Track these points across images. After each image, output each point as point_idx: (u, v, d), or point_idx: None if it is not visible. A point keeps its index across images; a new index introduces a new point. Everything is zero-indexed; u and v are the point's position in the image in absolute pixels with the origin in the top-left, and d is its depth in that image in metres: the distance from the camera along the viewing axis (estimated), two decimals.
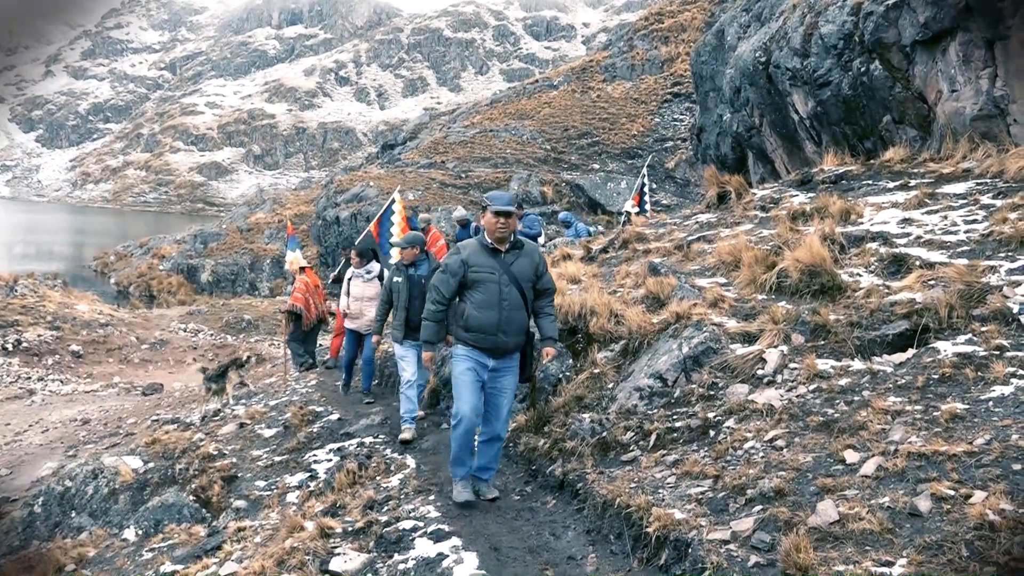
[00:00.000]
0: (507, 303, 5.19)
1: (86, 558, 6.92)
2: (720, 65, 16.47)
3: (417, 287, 7.50)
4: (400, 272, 7.66)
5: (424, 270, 7.60)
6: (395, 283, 7.59)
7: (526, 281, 5.27)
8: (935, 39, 9.41)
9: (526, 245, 5.34)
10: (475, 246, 5.32)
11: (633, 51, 44.38)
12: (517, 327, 5.27)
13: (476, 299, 5.21)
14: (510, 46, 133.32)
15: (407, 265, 7.71)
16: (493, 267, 5.20)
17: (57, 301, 22.71)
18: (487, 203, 5.20)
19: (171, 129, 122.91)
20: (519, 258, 5.31)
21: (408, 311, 7.48)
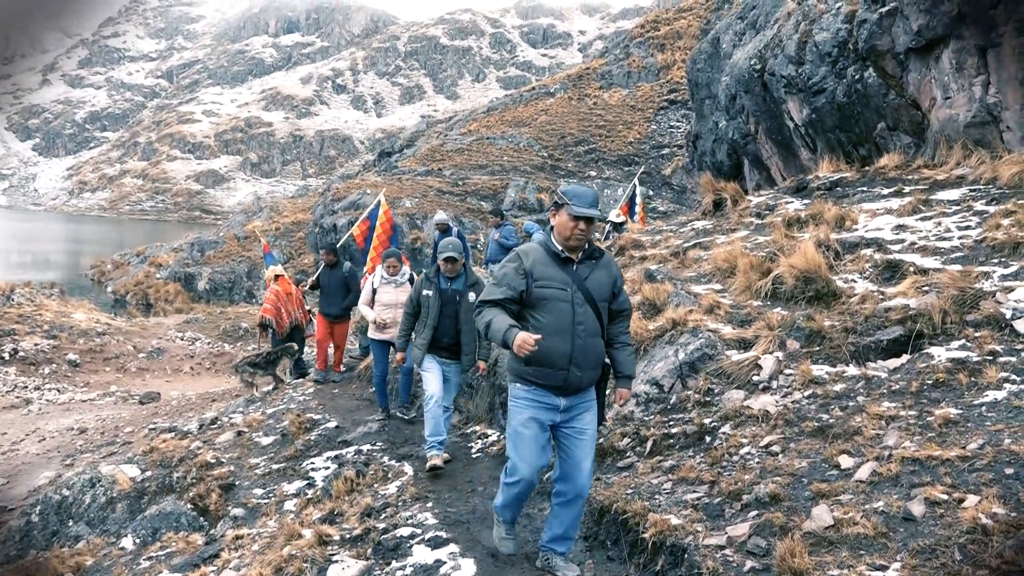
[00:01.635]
0: (582, 328, 4.07)
1: (84, 567, 6.92)
2: (716, 72, 16.55)
3: (450, 303, 6.64)
4: (431, 284, 6.69)
5: (460, 284, 6.68)
6: (424, 296, 6.67)
7: (603, 300, 4.20)
8: (928, 46, 9.47)
9: (604, 255, 4.28)
10: (540, 253, 4.17)
11: (629, 58, 44.54)
12: (594, 359, 4.15)
13: (542, 322, 4.04)
14: (507, 53, 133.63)
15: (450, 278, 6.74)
16: (564, 281, 4.10)
17: (54, 310, 22.69)
18: (563, 200, 4.08)
19: (168, 137, 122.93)
20: (595, 270, 4.19)
21: (437, 329, 6.61)
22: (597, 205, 4.11)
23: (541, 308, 4.08)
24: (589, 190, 4.15)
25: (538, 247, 4.23)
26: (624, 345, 4.36)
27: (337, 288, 11.10)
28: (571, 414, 4.19)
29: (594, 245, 4.25)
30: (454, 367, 6.77)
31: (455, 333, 6.65)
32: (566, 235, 4.08)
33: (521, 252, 4.21)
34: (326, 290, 11.22)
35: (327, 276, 11.24)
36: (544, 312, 4.07)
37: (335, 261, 11.26)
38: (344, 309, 11.23)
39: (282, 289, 12.33)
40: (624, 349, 4.35)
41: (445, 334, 6.63)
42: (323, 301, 11.28)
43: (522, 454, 4.15)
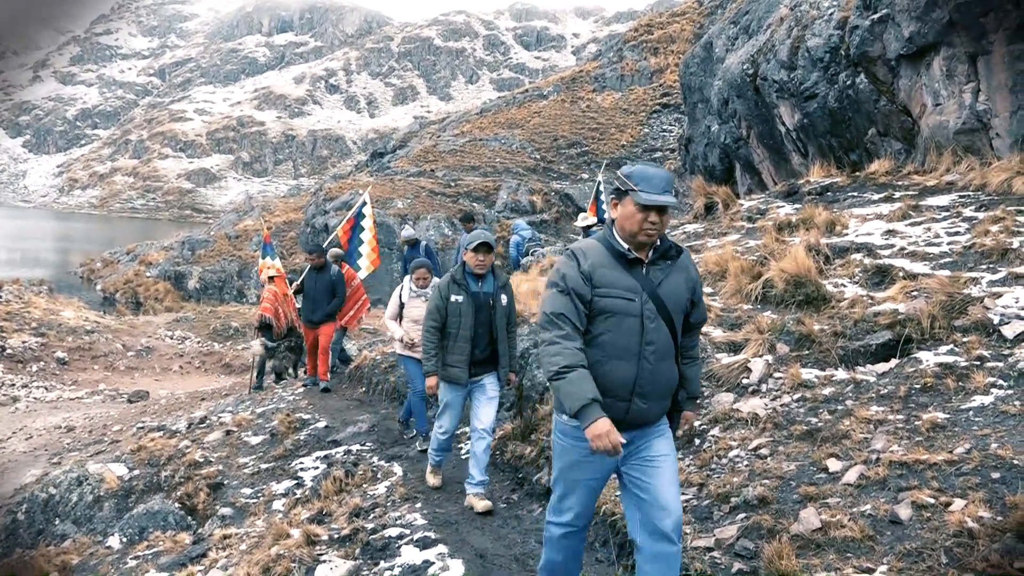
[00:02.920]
0: (652, 349, 3.18)
1: (70, 565, 6.88)
2: (708, 77, 16.60)
3: (483, 309, 5.62)
4: (460, 288, 5.62)
5: (491, 286, 5.69)
6: (454, 304, 5.59)
7: (679, 312, 3.30)
8: (919, 53, 9.53)
9: (682, 252, 3.36)
10: (600, 252, 3.25)
11: (623, 62, 44.65)
12: (665, 387, 3.29)
13: (601, 340, 3.17)
14: (500, 55, 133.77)
15: (475, 277, 5.68)
16: (632, 289, 3.18)
17: (42, 307, 22.57)
18: (628, 184, 3.19)
19: (160, 135, 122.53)
20: (670, 274, 3.28)
21: (474, 343, 5.60)
22: (672, 189, 3.22)
23: (601, 323, 3.18)
24: (661, 171, 3.25)
25: (597, 244, 3.29)
26: (692, 360, 3.55)
27: (323, 293, 10.36)
28: (640, 448, 3.30)
29: (669, 241, 3.34)
30: (487, 384, 5.75)
31: (489, 343, 5.69)
32: (633, 230, 3.19)
33: (577, 250, 3.30)
34: (311, 295, 10.39)
35: (313, 280, 10.43)
36: (605, 328, 3.18)
37: (323, 264, 10.48)
38: (327, 315, 10.45)
39: (279, 289, 12.21)
40: (692, 365, 3.54)
41: (480, 347, 5.65)
42: (306, 306, 10.50)
43: (573, 495, 3.37)
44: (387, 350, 10.86)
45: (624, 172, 3.28)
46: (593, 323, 3.21)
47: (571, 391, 3.03)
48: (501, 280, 5.81)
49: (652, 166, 3.25)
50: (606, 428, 2.97)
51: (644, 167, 3.25)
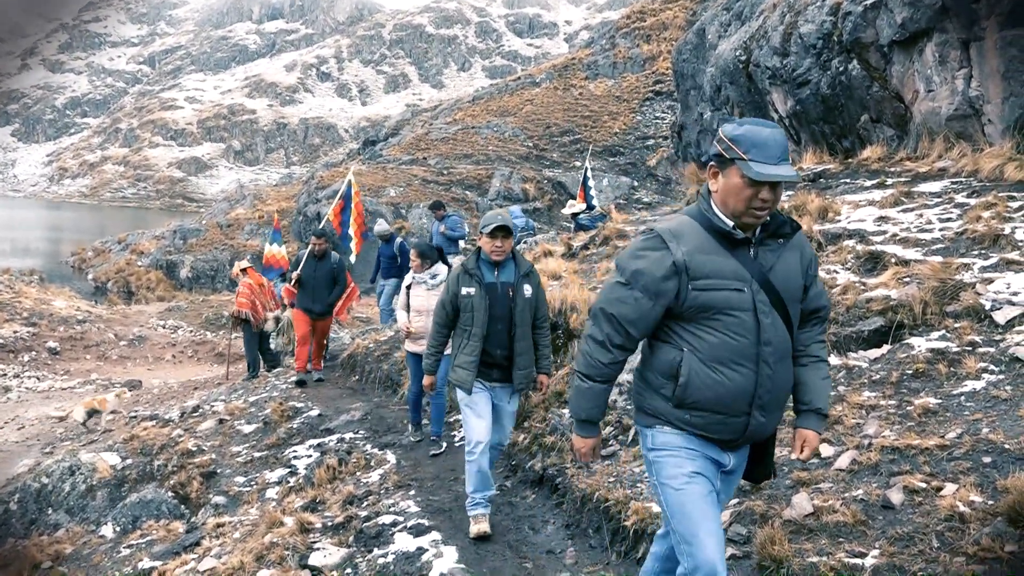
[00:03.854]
0: (770, 349, 2.63)
1: (63, 555, 6.87)
2: (701, 63, 16.55)
3: (501, 303, 4.92)
4: (472, 279, 4.95)
5: (510, 274, 4.96)
6: (465, 296, 4.94)
7: (795, 301, 2.73)
8: (912, 39, 9.51)
9: (797, 229, 2.76)
10: (697, 233, 2.66)
11: (615, 49, 44.50)
12: (784, 395, 2.77)
13: (708, 343, 2.61)
14: (492, 43, 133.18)
15: (491, 264, 4.97)
16: (739, 277, 2.61)
17: (33, 297, 22.47)
18: (735, 151, 2.56)
19: (150, 124, 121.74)
20: (782, 255, 2.72)
21: (486, 340, 4.92)
22: (789, 155, 2.59)
23: (705, 323, 2.60)
24: (776, 132, 2.58)
25: (690, 222, 2.68)
26: (816, 361, 2.85)
27: (324, 281, 9.87)
28: (731, 476, 2.87)
29: (782, 215, 2.73)
30: (507, 391, 5.08)
31: (508, 343, 4.95)
32: (738, 208, 2.60)
33: (665, 232, 2.64)
34: (310, 284, 9.87)
35: (313, 268, 9.88)
36: (711, 328, 2.60)
37: (326, 250, 9.96)
38: (329, 305, 10.05)
39: (253, 281, 12.09)
40: (816, 367, 2.84)
41: (497, 345, 4.93)
42: (304, 296, 9.94)
43: (699, 529, 2.63)
44: (380, 338, 10.86)
45: (729, 133, 2.61)
46: (695, 323, 2.63)
47: (581, 399, 2.87)
48: (524, 267, 5.03)
49: (765, 125, 2.60)
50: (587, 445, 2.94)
51: (755, 127, 2.58)
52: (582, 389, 2.84)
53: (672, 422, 2.71)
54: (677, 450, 2.73)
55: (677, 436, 2.73)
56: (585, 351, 2.81)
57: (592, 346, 2.77)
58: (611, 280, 2.75)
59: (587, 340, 2.80)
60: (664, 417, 2.74)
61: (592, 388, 2.83)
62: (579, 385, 2.85)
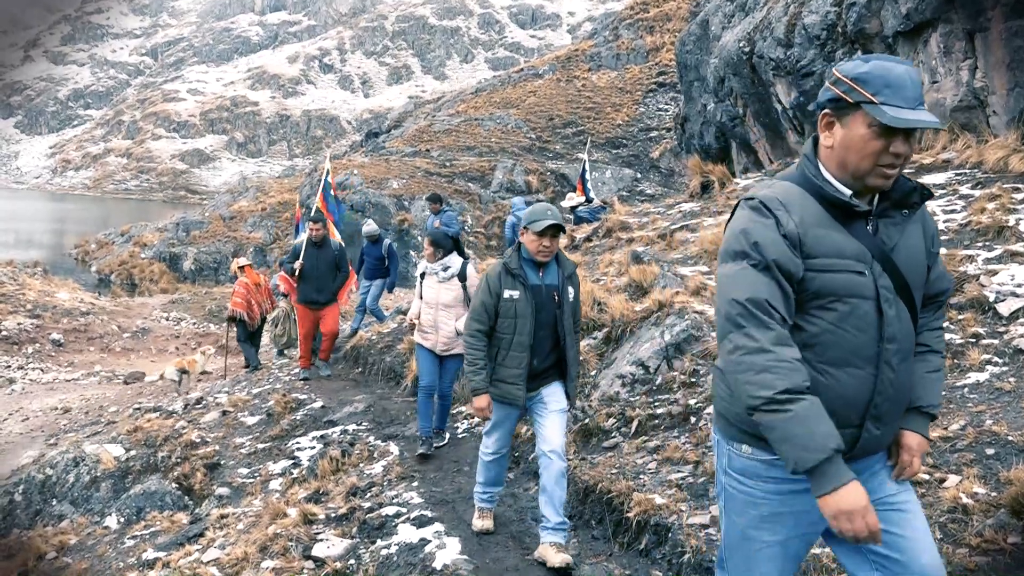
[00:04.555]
0: (895, 347, 2.14)
1: (67, 545, 6.90)
2: (704, 55, 16.50)
3: (547, 308, 4.34)
4: (516, 280, 4.34)
5: (554, 277, 4.39)
6: (508, 301, 4.32)
7: (919, 286, 2.23)
8: (917, 30, 9.47)
9: (928, 198, 2.25)
10: (805, 201, 2.14)
11: (618, 40, 44.35)
12: (905, 400, 2.24)
13: (819, 341, 2.11)
14: (495, 34, 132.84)
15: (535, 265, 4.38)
16: (859, 256, 2.11)
17: (37, 289, 22.51)
18: (863, 93, 2.04)
19: (153, 116, 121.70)
20: (907, 228, 2.21)
21: (533, 349, 4.34)
22: (923, 101, 2.10)
23: (817, 314, 2.10)
24: (911, 69, 2.08)
25: (797, 190, 2.15)
26: (928, 351, 2.31)
27: (326, 270, 9.53)
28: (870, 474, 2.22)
29: (909, 180, 2.20)
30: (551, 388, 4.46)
31: (553, 351, 4.42)
32: (863, 167, 2.09)
33: (769, 199, 2.12)
34: (311, 273, 9.47)
35: (314, 256, 9.48)
36: (822, 321, 2.09)
37: (324, 236, 9.61)
38: (333, 293, 9.68)
39: (250, 280, 12.04)
40: (926, 358, 2.31)
41: (541, 355, 4.37)
42: (307, 287, 9.53)
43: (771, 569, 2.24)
44: (382, 330, 10.86)
45: (850, 72, 2.08)
46: (799, 315, 2.10)
47: (798, 433, 1.93)
48: (568, 269, 4.46)
49: (896, 61, 2.08)
50: (861, 502, 1.92)
51: (885, 63, 2.07)
52: (792, 417, 1.94)
53: (762, 437, 2.08)
54: (759, 487, 2.19)
55: (765, 466, 2.17)
56: (749, 366, 2.01)
57: (754, 358, 2.00)
58: (729, 273, 2.12)
59: (740, 353, 2.03)
60: (753, 431, 2.13)
61: (800, 409, 1.95)
62: (779, 419, 1.96)
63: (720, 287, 2.15)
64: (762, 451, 2.16)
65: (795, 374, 1.97)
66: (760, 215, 2.10)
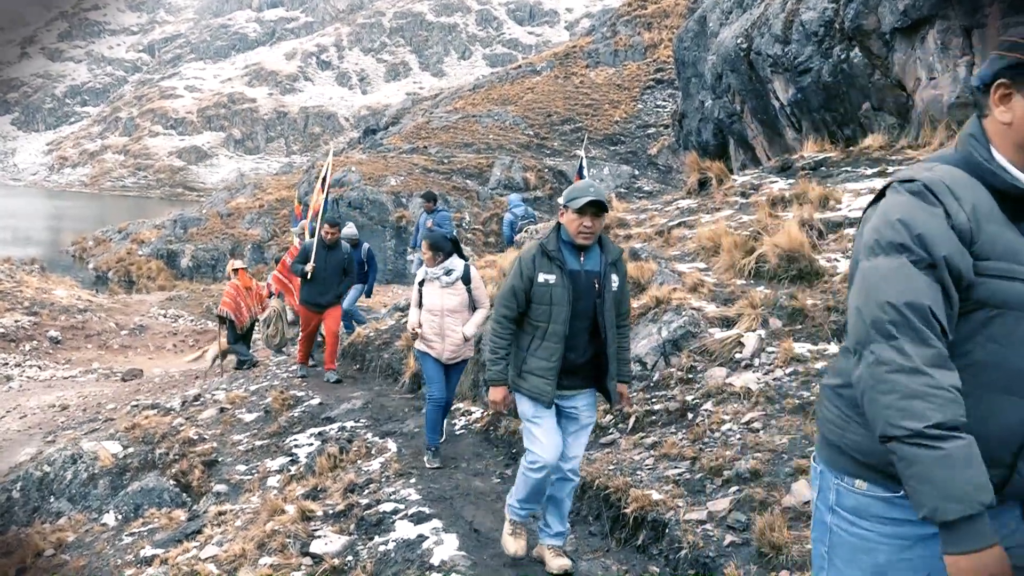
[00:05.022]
0: None
1: (65, 543, 6.90)
2: (702, 51, 16.48)
3: (586, 296, 3.90)
4: (552, 263, 3.89)
5: (596, 262, 3.94)
6: (543, 285, 3.87)
7: None
8: (914, 26, 9.47)
9: None
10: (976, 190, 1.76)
11: (616, 37, 44.32)
12: None
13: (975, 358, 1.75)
14: (493, 31, 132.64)
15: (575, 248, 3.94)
16: None
17: (34, 286, 22.49)
18: None
19: (150, 113, 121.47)
20: None
21: (568, 340, 3.90)
22: None
23: (979, 328, 1.75)
24: None
25: (963, 175, 1.79)
26: None
27: (334, 273, 9.30)
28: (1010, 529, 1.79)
29: None
30: (584, 400, 4.09)
31: (591, 345, 3.98)
32: None
33: (934, 183, 1.76)
34: (321, 276, 9.22)
35: (324, 258, 9.21)
36: (984, 338, 1.75)
37: (338, 240, 9.41)
38: (337, 297, 9.50)
39: (241, 283, 12.12)
40: None
41: (577, 349, 3.94)
42: (312, 289, 9.31)
43: None
44: (380, 327, 10.86)
45: None
46: (961, 329, 1.75)
47: (944, 478, 1.60)
48: (612, 254, 4.01)
49: None
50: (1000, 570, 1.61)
51: None
52: (942, 457, 1.61)
53: (883, 470, 1.78)
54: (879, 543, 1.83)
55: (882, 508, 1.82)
56: (895, 387, 1.66)
57: (904, 378, 1.66)
58: (878, 268, 1.76)
59: (885, 370, 1.68)
60: (872, 463, 1.82)
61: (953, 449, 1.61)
62: (926, 456, 1.62)
63: (866, 285, 1.79)
64: (881, 487, 1.82)
65: (953, 406, 1.63)
66: (924, 201, 1.74)
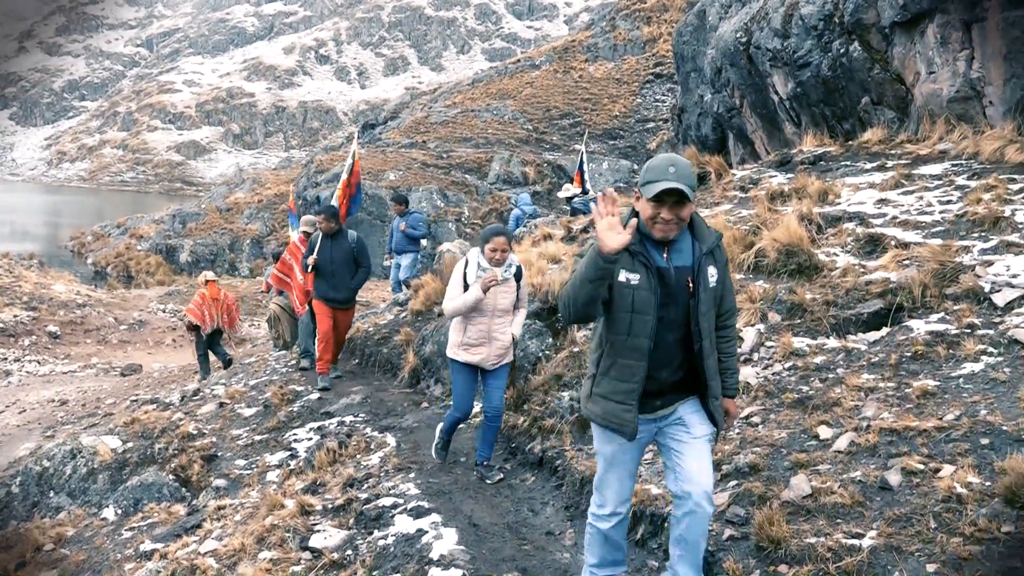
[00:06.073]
0: None
1: (65, 537, 6.91)
2: (701, 45, 16.44)
3: (678, 295, 3.12)
4: (635, 260, 3.07)
5: (687, 255, 3.14)
6: (624, 286, 3.07)
7: None
8: (914, 21, 9.45)
9: None
10: None
11: (615, 31, 44.24)
12: None
13: None
14: (492, 25, 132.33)
15: (658, 242, 3.12)
16: None
17: (33, 281, 22.48)
18: None
19: (148, 107, 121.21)
20: None
21: (653, 356, 3.12)
22: None
23: None
24: None
25: None
26: None
27: (343, 264, 8.67)
28: None
29: None
30: (690, 407, 3.30)
31: (685, 360, 3.21)
32: None
33: None
34: (327, 268, 8.66)
35: (328, 250, 8.66)
36: None
37: (336, 229, 8.78)
38: (352, 291, 8.88)
39: (210, 294, 12.90)
40: None
41: (668, 366, 3.18)
42: (323, 284, 8.70)
43: None
44: (379, 321, 10.85)
45: None
46: None
47: None
48: (707, 240, 3.17)
49: None
50: None
51: None
52: None
53: None
54: None
55: None
56: None
57: None
58: None
59: None
60: None
61: None
62: None
63: None
64: None
65: None
66: None
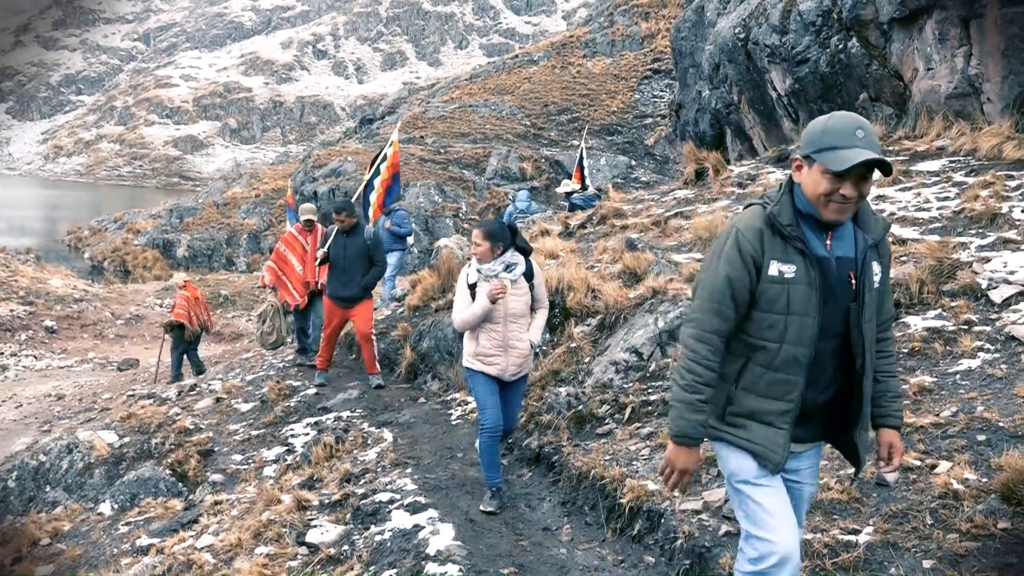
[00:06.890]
0: None
1: (61, 532, 6.91)
2: (700, 41, 16.44)
3: (842, 298, 2.52)
4: (787, 248, 2.48)
5: (850, 246, 2.56)
6: (776, 281, 2.48)
7: None
8: (912, 17, 9.44)
9: None
10: None
11: (613, 27, 44.17)
12: None
13: None
14: (490, 20, 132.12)
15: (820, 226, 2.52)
16: None
17: (30, 276, 22.44)
18: None
19: (145, 102, 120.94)
20: None
21: (812, 370, 2.51)
22: None
23: None
24: None
25: None
26: None
27: (356, 261, 8.27)
28: None
29: None
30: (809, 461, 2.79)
31: (838, 374, 2.59)
32: None
33: None
34: (340, 264, 8.26)
35: (342, 246, 8.27)
36: None
37: (354, 225, 8.38)
38: (364, 288, 8.39)
39: (190, 294, 13.01)
40: None
41: (818, 382, 2.57)
42: (333, 280, 8.36)
43: None
44: (376, 316, 10.83)
45: None
46: None
47: None
48: (874, 231, 2.64)
49: None
50: None
51: None
52: None
53: None
54: None
55: None
56: None
57: None
58: None
59: None
60: None
61: None
62: None
63: None
64: None
65: None
66: None
